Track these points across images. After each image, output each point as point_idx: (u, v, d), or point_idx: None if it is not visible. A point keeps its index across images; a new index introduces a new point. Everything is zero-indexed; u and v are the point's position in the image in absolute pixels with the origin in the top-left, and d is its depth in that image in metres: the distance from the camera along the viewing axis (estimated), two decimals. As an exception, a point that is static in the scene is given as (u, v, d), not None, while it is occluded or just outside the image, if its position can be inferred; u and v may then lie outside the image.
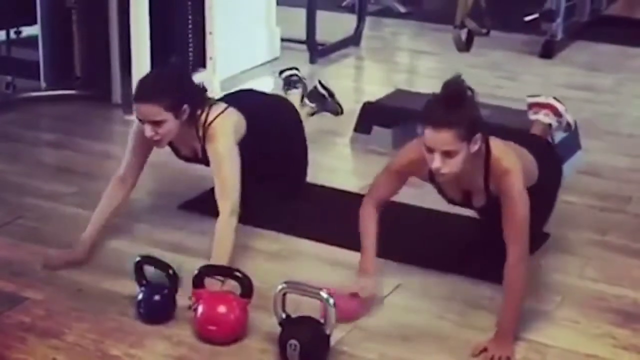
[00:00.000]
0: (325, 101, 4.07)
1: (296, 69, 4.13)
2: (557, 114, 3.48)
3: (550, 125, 3.48)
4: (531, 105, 3.54)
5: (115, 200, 3.18)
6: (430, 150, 2.64)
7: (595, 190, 3.78)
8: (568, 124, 3.57)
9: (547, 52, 5.73)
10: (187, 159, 3.32)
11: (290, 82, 4.07)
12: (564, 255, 3.16)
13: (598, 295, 2.97)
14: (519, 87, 3.59)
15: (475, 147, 2.67)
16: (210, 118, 3.13)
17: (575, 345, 2.69)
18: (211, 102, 3.19)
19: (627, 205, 3.65)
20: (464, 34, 4.21)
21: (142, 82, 3.09)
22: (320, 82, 4.08)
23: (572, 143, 4.03)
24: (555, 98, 3.52)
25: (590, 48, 5.99)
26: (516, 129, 3.46)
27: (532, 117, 3.51)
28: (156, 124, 3.01)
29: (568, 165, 3.93)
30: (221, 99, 3.33)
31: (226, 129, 3.14)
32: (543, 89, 3.92)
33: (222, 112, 3.17)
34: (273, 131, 3.36)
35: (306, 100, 4.03)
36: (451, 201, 3.00)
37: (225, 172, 3.08)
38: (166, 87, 3.03)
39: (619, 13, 6.61)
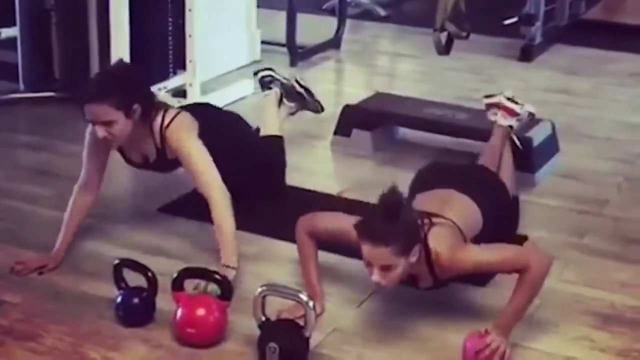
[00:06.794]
0: (304, 100, 3.98)
1: (271, 69, 4.02)
2: (513, 114, 3.47)
3: (511, 126, 3.47)
4: (488, 106, 3.54)
5: (81, 210, 3.14)
6: (369, 263, 2.58)
7: (573, 193, 3.80)
8: (530, 114, 3.55)
9: (526, 55, 5.76)
10: (136, 165, 3.27)
11: (264, 83, 3.99)
12: (542, 258, 3.17)
13: (576, 298, 2.98)
14: (498, 90, 3.59)
15: (414, 258, 2.59)
16: (167, 121, 3.09)
17: (553, 348, 2.70)
18: (165, 107, 3.15)
19: (604, 208, 3.67)
20: (443, 37, 4.22)
21: (90, 82, 3.02)
22: (297, 81, 3.95)
23: (550, 146, 4.05)
24: (508, 98, 3.49)
25: (569, 52, 6.02)
26: (465, 166, 3.38)
27: (492, 117, 3.51)
28: (107, 124, 2.95)
29: (546, 168, 3.96)
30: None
31: (186, 127, 3.10)
32: (522, 92, 3.93)
33: (177, 114, 3.13)
34: (226, 146, 3.27)
35: (285, 100, 3.93)
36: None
37: (202, 166, 3.05)
38: (114, 85, 2.96)
39: (597, 17, 6.64)
